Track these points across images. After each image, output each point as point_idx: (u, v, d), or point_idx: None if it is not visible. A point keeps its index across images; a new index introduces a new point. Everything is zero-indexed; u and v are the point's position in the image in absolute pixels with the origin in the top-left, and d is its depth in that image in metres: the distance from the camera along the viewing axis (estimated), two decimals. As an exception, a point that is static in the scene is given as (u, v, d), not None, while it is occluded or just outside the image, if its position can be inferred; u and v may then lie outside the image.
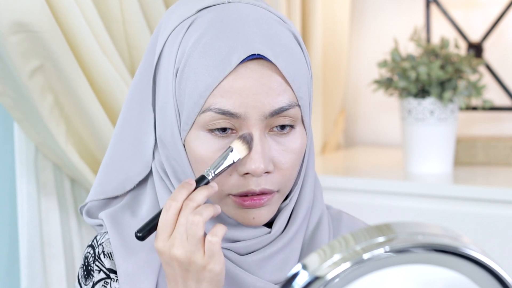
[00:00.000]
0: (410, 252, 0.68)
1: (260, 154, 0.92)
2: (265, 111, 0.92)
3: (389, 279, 0.69)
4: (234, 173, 0.94)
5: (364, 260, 0.67)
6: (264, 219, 0.96)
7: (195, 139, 0.94)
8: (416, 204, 1.90)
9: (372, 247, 0.67)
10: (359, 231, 0.70)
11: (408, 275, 0.70)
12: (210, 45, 0.92)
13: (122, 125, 1.04)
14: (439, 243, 0.69)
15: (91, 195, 1.06)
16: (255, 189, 0.94)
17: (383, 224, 0.70)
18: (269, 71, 0.93)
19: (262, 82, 0.92)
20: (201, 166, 0.95)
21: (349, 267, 0.67)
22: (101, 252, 1.00)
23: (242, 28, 0.93)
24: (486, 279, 0.71)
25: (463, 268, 0.71)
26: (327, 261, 0.68)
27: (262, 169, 0.92)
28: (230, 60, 0.91)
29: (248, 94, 0.92)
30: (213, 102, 0.92)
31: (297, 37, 0.97)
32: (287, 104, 0.93)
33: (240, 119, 0.92)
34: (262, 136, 0.93)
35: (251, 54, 0.92)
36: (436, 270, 0.70)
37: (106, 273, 0.99)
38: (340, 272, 0.67)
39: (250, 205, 0.95)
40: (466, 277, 0.71)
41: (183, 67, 0.94)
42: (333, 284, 0.67)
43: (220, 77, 0.91)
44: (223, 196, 0.96)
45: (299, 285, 0.68)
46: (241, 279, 0.96)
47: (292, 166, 0.96)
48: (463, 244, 0.69)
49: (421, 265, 0.70)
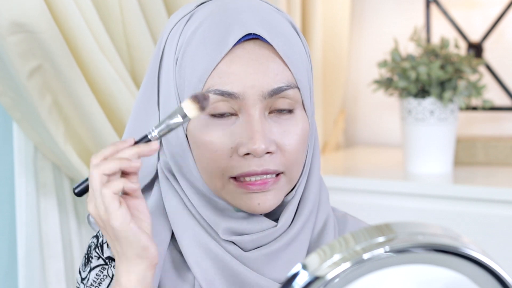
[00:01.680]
0: (410, 252, 0.68)
1: (261, 133, 0.92)
2: (263, 90, 0.92)
3: (389, 279, 0.69)
4: (234, 155, 0.93)
5: (364, 260, 0.67)
6: (269, 204, 0.95)
7: (197, 124, 0.94)
8: (416, 204, 1.90)
9: (372, 247, 0.67)
10: (359, 231, 0.70)
11: (408, 275, 0.70)
12: (208, 32, 0.94)
13: (130, 128, 1.04)
14: (439, 243, 0.69)
15: None
16: (256, 169, 0.93)
17: (383, 224, 0.70)
18: (267, 51, 0.93)
19: (259, 62, 0.93)
20: (202, 152, 0.94)
21: (349, 267, 0.67)
22: (105, 242, 1.01)
23: (237, 13, 0.94)
24: (486, 279, 0.71)
25: (463, 268, 0.70)
26: (327, 261, 0.68)
27: (262, 148, 0.91)
28: (226, 41, 0.92)
29: (246, 74, 0.92)
30: (212, 84, 0.92)
31: (294, 26, 0.98)
32: (285, 84, 0.93)
33: (239, 99, 0.92)
34: (262, 116, 0.93)
35: (247, 33, 0.93)
36: (436, 270, 0.70)
37: (104, 260, 1.00)
38: (340, 272, 0.67)
39: (256, 189, 0.93)
40: (466, 277, 0.71)
41: (182, 55, 0.95)
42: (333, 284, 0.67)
43: (217, 58, 0.92)
44: (225, 181, 0.95)
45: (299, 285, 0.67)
46: (244, 276, 0.96)
47: (296, 149, 0.95)
48: (463, 244, 0.69)
49: (421, 265, 0.70)
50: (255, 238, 0.96)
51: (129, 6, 1.60)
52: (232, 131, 0.93)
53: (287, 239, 0.98)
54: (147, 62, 1.64)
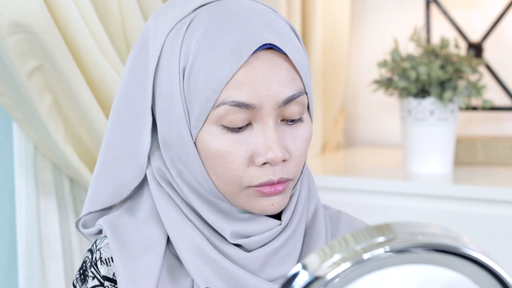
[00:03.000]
0: (410, 252, 0.68)
1: (277, 142, 0.93)
2: (278, 99, 0.93)
3: (389, 279, 0.69)
4: (251, 165, 0.94)
5: (364, 260, 0.67)
6: (281, 205, 0.97)
7: (209, 135, 0.94)
8: (416, 204, 1.90)
9: (372, 247, 0.67)
10: (359, 231, 0.70)
11: (408, 275, 0.70)
12: (218, 40, 0.93)
13: (112, 132, 1.03)
14: (439, 243, 0.69)
15: (86, 207, 1.05)
16: (273, 178, 0.94)
17: (383, 224, 0.70)
18: (279, 60, 0.94)
19: (273, 71, 0.93)
20: (216, 162, 0.94)
21: (349, 267, 0.67)
22: (98, 259, 1.00)
23: (246, 20, 0.94)
24: (486, 279, 0.71)
25: (463, 268, 0.70)
26: (327, 261, 0.67)
27: (280, 157, 0.93)
28: (241, 52, 0.92)
29: (261, 84, 0.92)
30: (227, 95, 0.92)
31: (292, 28, 0.99)
32: (297, 91, 0.95)
33: (255, 109, 0.93)
34: (276, 125, 0.94)
35: (262, 44, 0.93)
36: (436, 270, 0.70)
37: (100, 281, 0.99)
38: (340, 272, 0.67)
39: (270, 192, 0.95)
40: (466, 277, 0.71)
41: (192, 65, 0.94)
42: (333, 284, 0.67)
43: (233, 70, 0.92)
44: (243, 188, 0.96)
45: (299, 285, 0.67)
46: (243, 280, 0.96)
47: (302, 154, 0.97)
48: (463, 244, 0.69)
49: (421, 265, 0.70)
50: (262, 238, 0.98)
51: (129, 7, 1.60)
52: (248, 141, 0.94)
53: (287, 235, 0.99)
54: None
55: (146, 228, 1.00)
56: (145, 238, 0.99)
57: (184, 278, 0.99)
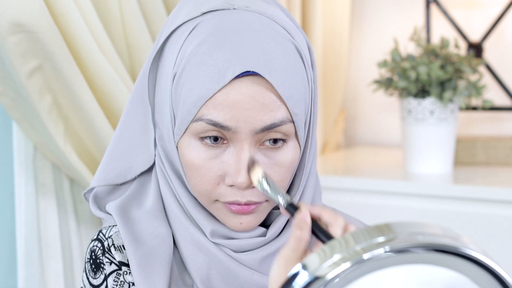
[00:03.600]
0: (410, 252, 0.68)
1: (246, 169, 0.92)
2: (256, 126, 0.92)
3: (389, 279, 0.69)
4: (221, 182, 0.95)
5: (364, 260, 0.67)
6: (251, 225, 0.97)
7: (187, 145, 0.95)
8: (416, 204, 1.90)
9: (372, 247, 0.67)
10: (359, 231, 0.70)
11: (408, 275, 0.70)
12: (208, 55, 0.92)
13: (127, 114, 1.05)
14: (439, 243, 0.69)
15: (94, 180, 1.06)
16: (240, 200, 0.94)
17: (383, 224, 0.70)
18: (263, 88, 0.92)
19: (255, 98, 0.92)
20: (191, 172, 0.95)
21: (349, 267, 0.67)
22: (111, 245, 1.00)
23: (241, 41, 0.93)
24: (486, 279, 0.71)
25: (463, 268, 0.70)
26: (327, 261, 0.68)
27: (246, 184, 0.92)
28: (225, 74, 0.91)
29: (240, 108, 0.92)
30: (205, 113, 0.92)
31: (300, 51, 0.96)
32: (279, 121, 0.93)
33: (231, 131, 0.92)
34: (252, 149, 0.93)
35: (245, 71, 0.91)
36: (436, 270, 0.70)
37: (117, 265, 0.99)
38: (340, 272, 0.67)
39: (238, 211, 0.95)
40: (466, 277, 0.71)
41: (180, 73, 0.94)
42: (333, 284, 0.67)
43: (214, 89, 0.91)
44: (212, 201, 0.96)
45: (299, 285, 0.67)
46: (237, 271, 0.97)
47: (281, 179, 0.96)
48: (463, 244, 0.69)
49: (421, 265, 0.70)
50: (243, 243, 0.98)
51: (129, 6, 1.60)
52: (222, 159, 0.94)
53: (277, 246, 0.99)
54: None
55: (155, 219, 1.01)
56: (154, 230, 1.00)
57: (187, 278, 0.99)
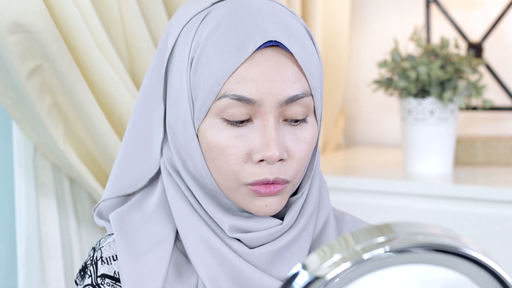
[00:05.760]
0: (410, 252, 0.68)
1: (275, 140, 0.93)
2: (280, 98, 0.93)
3: (389, 279, 0.69)
4: (249, 161, 0.94)
5: (364, 260, 0.67)
6: (276, 207, 0.96)
7: (210, 127, 0.95)
8: (416, 204, 1.90)
9: (372, 247, 0.67)
10: (359, 231, 0.70)
11: (408, 275, 0.70)
12: (226, 34, 0.93)
13: (133, 124, 1.05)
14: (439, 243, 0.68)
15: (105, 193, 1.07)
16: (269, 177, 0.94)
17: (383, 224, 0.70)
18: (285, 59, 0.94)
19: (277, 70, 0.93)
20: (215, 154, 0.95)
21: (349, 267, 0.67)
22: (99, 258, 1.01)
23: (257, 18, 0.94)
24: (486, 279, 0.71)
25: (463, 268, 0.70)
26: (327, 261, 0.67)
27: (277, 155, 0.92)
28: (246, 47, 0.92)
29: (264, 81, 0.92)
30: (229, 88, 0.93)
31: (308, 31, 0.99)
32: (301, 92, 0.94)
33: (256, 105, 0.93)
34: (277, 123, 0.94)
35: (267, 40, 0.93)
36: (436, 270, 0.70)
37: (93, 282, 1.00)
38: (340, 272, 0.67)
39: (266, 193, 0.95)
40: (466, 277, 0.71)
41: (199, 56, 0.94)
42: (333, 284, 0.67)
43: (236, 64, 0.92)
44: (239, 185, 0.96)
45: (299, 285, 0.67)
46: (247, 273, 0.96)
47: (304, 156, 0.96)
48: (463, 244, 0.69)
49: (421, 265, 0.70)
50: (261, 235, 0.97)
51: (128, 7, 1.60)
52: (247, 136, 0.94)
53: (291, 237, 0.98)
54: (147, 63, 1.64)
55: (154, 223, 1.01)
56: (152, 234, 1.00)
57: (190, 275, 0.99)
